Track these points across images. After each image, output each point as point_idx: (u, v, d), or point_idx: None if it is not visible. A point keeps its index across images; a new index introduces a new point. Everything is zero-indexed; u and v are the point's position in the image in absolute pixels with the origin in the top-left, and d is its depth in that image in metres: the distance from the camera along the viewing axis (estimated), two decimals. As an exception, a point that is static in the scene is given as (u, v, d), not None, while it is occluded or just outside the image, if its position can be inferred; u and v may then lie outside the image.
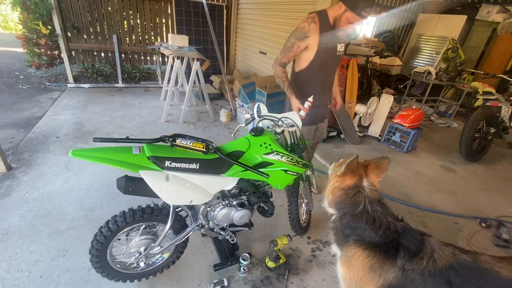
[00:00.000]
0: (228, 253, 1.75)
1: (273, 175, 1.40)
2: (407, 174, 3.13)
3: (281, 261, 1.75)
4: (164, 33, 5.42)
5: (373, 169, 1.17)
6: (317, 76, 1.87)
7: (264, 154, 1.36)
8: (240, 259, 1.63)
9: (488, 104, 3.49)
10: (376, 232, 1.05)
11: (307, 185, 1.81)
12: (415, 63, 5.96)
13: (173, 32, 5.25)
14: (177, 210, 1.44)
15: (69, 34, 4.64)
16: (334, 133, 3.82)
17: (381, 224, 1.06)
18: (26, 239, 1.74)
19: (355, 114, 4.07)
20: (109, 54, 5.10)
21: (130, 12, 4.97)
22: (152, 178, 1.13)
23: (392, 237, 1.04)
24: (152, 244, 1.39)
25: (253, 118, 1.56)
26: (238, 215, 1.45)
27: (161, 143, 1.20)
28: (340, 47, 1.80)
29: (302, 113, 1.70)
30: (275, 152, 1.37)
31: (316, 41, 1.71)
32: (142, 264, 1.44)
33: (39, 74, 5.33)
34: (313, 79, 1.87)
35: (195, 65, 3.53)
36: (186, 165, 1.19)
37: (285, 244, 1.71)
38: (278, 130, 1.46)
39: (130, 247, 1.37)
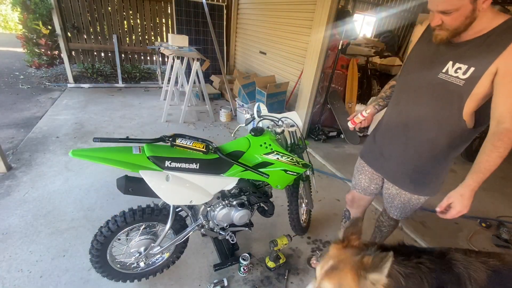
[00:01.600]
0: (228, 253, 1.75)
1: (273, 175, 1.40)
2: (407, 174, 3.13)
3: (281, 261, 1.75)
4: (164, 33, 5.42)
5: (355, 239, 0.96)
6: (395, 101, 1.24)
7: (264, 154, 1.36)
8: (240, 259, 1.63)
9: (488, 104, 3.49)
10: None
11: (307, 185, 1.81)
12: (415, 63, 5.96)
13: (173, 32, 5.25)
14: (177, 210, 1.44)
15: (69, 34, 4.64)
16: (334, 133, 3.82)
17: (421, 277, 0.91)
18: (26, 239, 1.74)
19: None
20: (109, 54, 5.10)
21: (130, 12, 4.97)
22: (152, 178, 1.13)
23: (435, 280, 0.93)
24: (152, 244, 1.39)
25: (253, 118, 1.56)
26: (238, 215, 1.45)
27: (161, 143, 1.20)
28: (455, 70, 0.99)
29: (350, 124, 1.35)
30: (275, 152, 1.38)
31: (412, 50, 1.19)
32: (142, 264, 1.44)
33: (39, 74, 5.33)
34: (392, 103, 1.27)
35: (195, 65, 3.53)
36: (186, 165, 1.19)
37: (285, 244, 1.71)
38: (278, 130, 1.46)
39: (130, 247, 1.37)
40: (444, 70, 1.01)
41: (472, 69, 0.94)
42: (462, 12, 0.88)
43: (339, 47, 3.33)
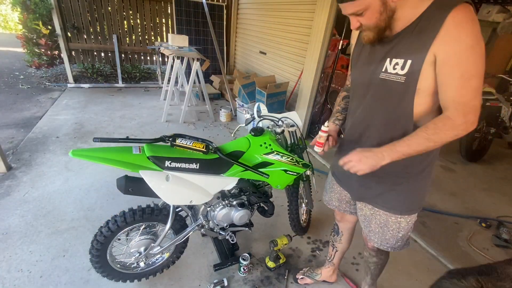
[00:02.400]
0: (228, 253, 1.75)
1: (273, 175, 1.40)
2: (407, 174, 3.13)
3: (281, 261, 1.75)
4: (164, 33, 5.42)
5: None
6: (350, 111, 1.17)
7: (264, 154, 1.36)
8: (240, 259, 1.63)
9: (488, 104, 3.49)
10: None
11: (307, 185, 1.81)
12: (415, 63, 5.96)
13: (173, 32, 5.25)
14: (177, 210, 1.44)
15: (69, 34, 4.64)
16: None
17: None
18: (26, 239, 1.74)
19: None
20: (109, 54, 5.10)
21: (130, 12, 4.97)
22: (152, 178, 1.13)
23: None
24: (152, 244, 1.39)
25: (253, 118, 1.56)
26: (238, 215, 1.45)
27: (161, 143, 1.20)
28: (393, 67, 0.90)
29: (317, 148, 1.18)
30: (275, 152, 1.37)
31: (351, 55, 1.12)
32: (142, 264, 1.44)
33: (39, 74, 5.33)
34: (348, 114, 1.20)
35: (195, 65, 3.53)
36: (186, 165, 1.19)
37: (285, 244, 1.71)
38: (278, 130, 1.46)
39: (130, 247, 1.37)
40: (383, 69, 0.92)
41: (409, 62, 0.85)
42: (373, 9, 0.82)
43: (339, 47, 3.33)
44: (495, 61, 5.96)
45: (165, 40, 5.40)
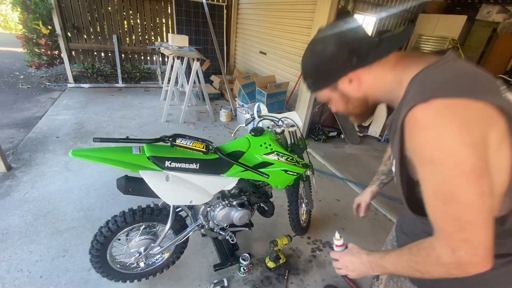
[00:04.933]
0: (228, 253, 1.75)
1: (273, 175, 1.40)
2: (407, 174, 3.12)
3: (281, 261, 1.75)
4: (164, 33, 5.43)
5: None
6: None
7: (264, 154, 1.36)
8: (240, 259, 1.63)
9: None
10: None
11: (307, 185, 1.81)
12: (415, 63, 5.96)
13: (173, 32, 5.25)
14: (177, 210, 1.44)
15: (69, 34, 4.64)
16: (334, 133, 3.82)
17: None
18: (26, 239, 1.74)
19: (355, 114, 4.07)
20: (109, 54, 5.10)
21: (130, 12, 4.97)
22: (152, 178, 1.13)
23: None
24: (152, 244, 1.39)
25: (253, 118, 1.56)
26: (238, 215, 1.45)
27: (161, 143, 1.20)
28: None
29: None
30: (275, 152, 1.37)
31: None
32: (142, 264, 1.44)
33: (39, 74, 5.33)
34: None
35: (195, 65, 3.53)
36: (186, 165, 1.19)
37: (285, 244, 1.71)
38: (278, 130, 1.46)
39: (130, 247, 1.36)
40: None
41: (393, 160, 0.65)
42: (335, 101, 0.73)
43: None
44: (495, 61, 5.97)
45: (165, 40, 5.40)
